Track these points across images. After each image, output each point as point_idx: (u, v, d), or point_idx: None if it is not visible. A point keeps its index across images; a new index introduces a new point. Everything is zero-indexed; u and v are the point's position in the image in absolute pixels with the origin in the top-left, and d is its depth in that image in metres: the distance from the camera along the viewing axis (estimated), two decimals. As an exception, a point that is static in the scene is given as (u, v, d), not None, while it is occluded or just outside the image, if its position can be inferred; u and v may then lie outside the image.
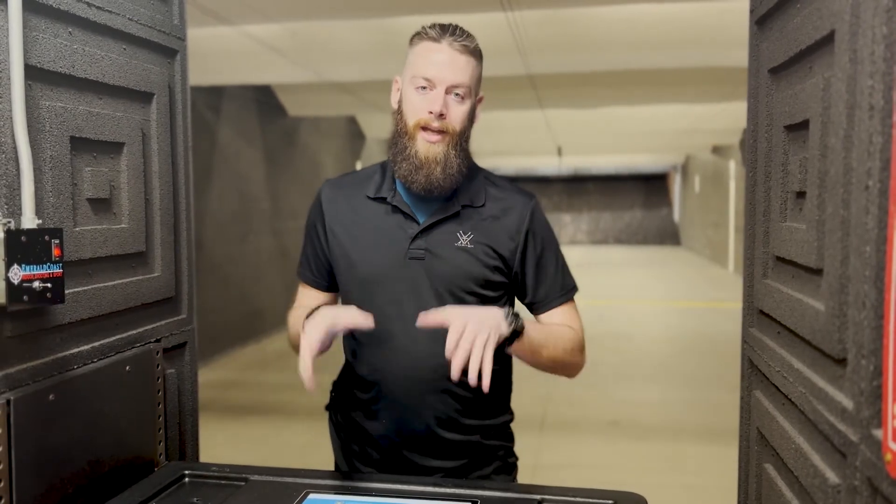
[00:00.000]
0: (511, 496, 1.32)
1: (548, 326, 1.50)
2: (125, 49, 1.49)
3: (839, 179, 0.96)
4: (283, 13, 4.72)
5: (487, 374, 1.24)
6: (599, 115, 9.62)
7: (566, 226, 23.59)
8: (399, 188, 1.51)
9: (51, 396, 1.24)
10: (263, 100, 7.99)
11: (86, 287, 1.38)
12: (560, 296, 1.55)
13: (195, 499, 1.34)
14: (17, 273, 1.14)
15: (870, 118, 0.87)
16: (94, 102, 1.41)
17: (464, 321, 1.26)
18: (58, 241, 1.22)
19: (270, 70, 6.24)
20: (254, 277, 7.81)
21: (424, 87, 1.42)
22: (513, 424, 1.61)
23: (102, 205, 1.44)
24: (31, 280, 1.16)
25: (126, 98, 1.50)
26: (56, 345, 1.31)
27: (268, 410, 5.38)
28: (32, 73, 1.24)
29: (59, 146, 1.31)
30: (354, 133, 11.36)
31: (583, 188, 23.83)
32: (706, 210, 17.05)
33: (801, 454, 1.08)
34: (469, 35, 1.45)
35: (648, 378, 6.20)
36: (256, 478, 1.40)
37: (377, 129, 11.33)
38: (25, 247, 1.16)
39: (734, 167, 13.61)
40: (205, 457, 1.78)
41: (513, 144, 13.48)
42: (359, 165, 11.30)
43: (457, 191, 1.50)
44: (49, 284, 1.19)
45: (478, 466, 1.52)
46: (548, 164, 19.77)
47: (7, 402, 1.15)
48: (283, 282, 8.34)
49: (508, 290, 1.54)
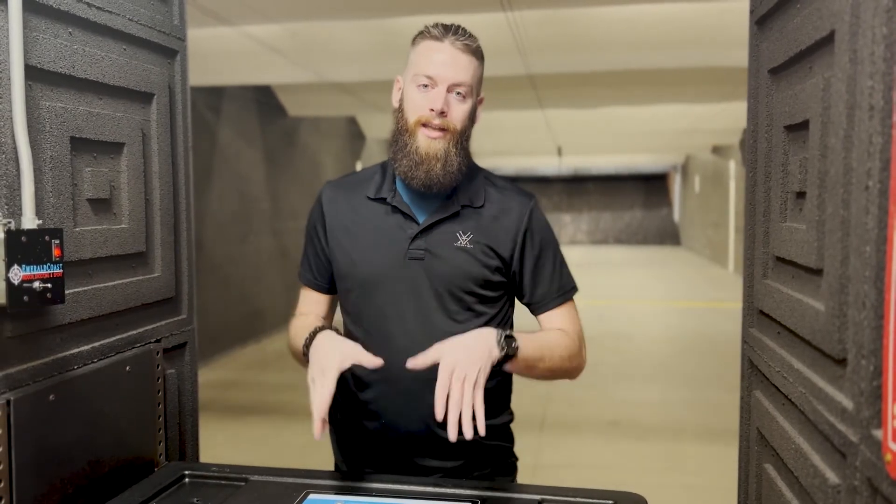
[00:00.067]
0: (511, 496, 1.32)
1: (544, 337, 1.48)
2: (125, 49, 1.49)
3: (839, 180, 0.96)
4: (284, 13, 4.72)
5: (481, 419, 1.25)
6: (599, 115, 9.62)
7: (566, 226, 23.59)
8: (399, 188, 1.51)
9: (51, 397, 1.24)
10: (263, 100, 7.99)
11: (86, 287, 1.39)
12: (558, 297, 1.54)
13: (195, 499, 1.34)
14: (18, 273, 1.14)
15: (870, 118, 0.87)
16: (95, 103, 1.41)
17: (451, 366, 1.27)
18: (58, 242, 1.22)
19: (270, 70, 6.24)
20: (254, 278, 7.81)
21: (426, 86, 1.42)
22: (513, 424, 1.61)
23: (102, 205, 1.44)
24: (32, 280, 1.16)
25: (126, 98, 1.50)
26: (56, 345, 1.31)
27: (268, 410, 5.38)
28: (32, 74, 1.24)
29: (60, 146, 1.31)
30: (354, 133, 11.36)
31: (583, 188, 23.83)
32: (706, 210, 17.05)
33: (801, 454, 1.08)
34: (471, 35, 1.46)
35: (648, 378, 6.20)
36: (256, 478, 1.40)
37: (377, 130, 11.33)
38: (26, 247, 1.16)
39: (734, 167, 13.61)
40: (205, 457, 1.78)
41: (513, 144, 13.48)
42: (359, 166, 11.30)
43: (456, 191, 1.50)
44: (49, 285, 1.20)
45: (477, 467, 1.52)
46: (548, 164, 19.77)
47: (7, 403, 1.15)
48: (283, 282, 8.34)
49: (508, 290, 1.54)
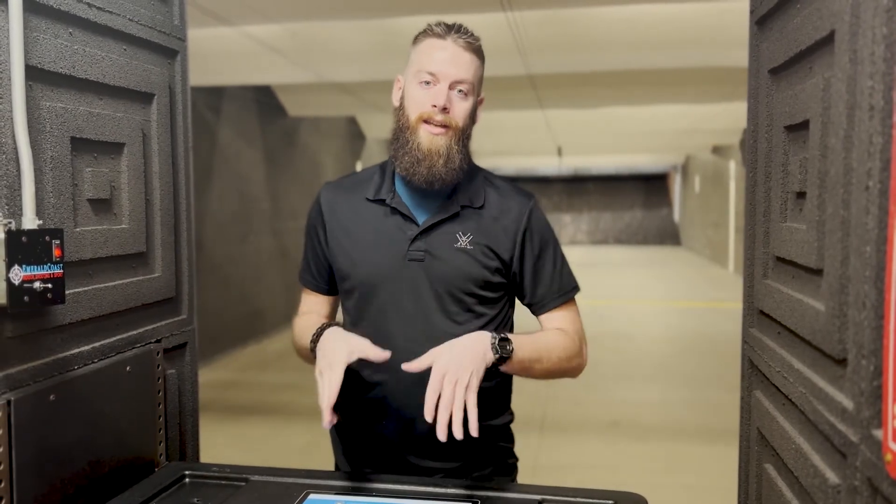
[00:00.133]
0: (511, 496, 1.32)
1: (541, 338, 1.49)
2: (125, 50, 1.49)
3: (839, 180, 0.96)
4: (284, 14, 4.72)
5: (473, 420, 1.26)
6: (599, 115, 9.63)
7: (566, 226, 23.59)
8: (398, 189, 1.51)
9: (51, 397, 1.24)
10: (263, 100, 7.99)
11: (86, 287, 1.39)
12: (558, 297, 1.54)
13: (195, 499, 1.34)
14: (18, 274, 1.14)
15: (870, 118, 0.87)
16: (95, 103, 1.41)
17: (443, 369, 1.28)
18: (58, 242, 1.22)
19: (271, 70, 6.24)
20: (254, 278, 7.81)
21: (428, 82, 1.42)
22: (513, 425, 1.61)
23: (103, 205, 1.44)
24: (32, 280, 1.16)
25: (126, 98, 1.50)
26: (57, 345, 1.31)
27: (268, 411, 5.38)
28: (33, 74, 1.24)
29: (60, 147, 1.31)
30: (354, 133, 11.36)
31: (583, 188, 23.83)
32: (706, 210, 17.05)
33: (802, 454, 1.08)
34: (473, 34, 1.46)
35: (648, 378, 6.20)
36: (257, 478, 1.40)
37: (377, 130, 11.33)
38: (26, 247, 1.16)
39: (734, 167, 13.61)
40: (205, 457, 1.78)
41: (513, 144, 13.48)
42: (359, 166, 11.30)
43: (456, 191, 1.50)
44: (50, 285, 1.20)
45: (477, 467, 1.52)
46: (548, 165, 19.77)
47: (8, 403, 1.15)
48: (284, 282, 8.34)
49: (508, 291, 1.54)
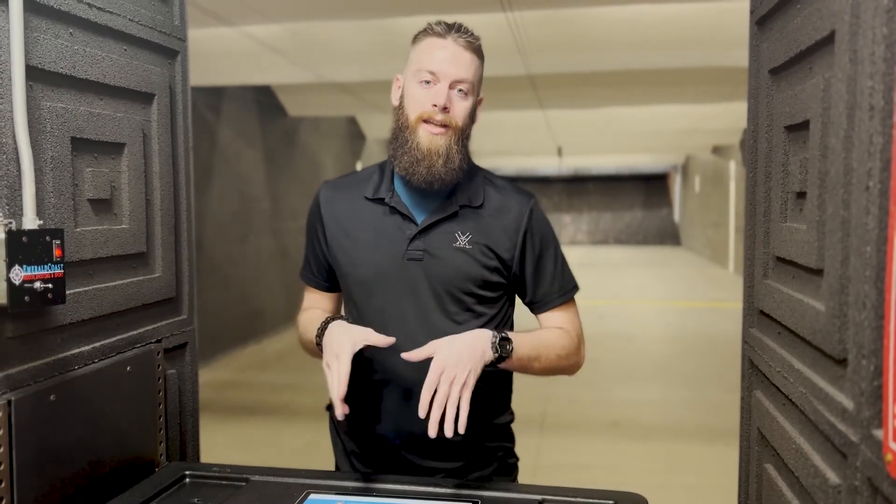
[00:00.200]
0: (511, 496, 1.32)
1: (540, 337, 1.49)
2: (126, 50, 1.49)
3: (839, 180, 0.96)
4: (284, 14, 4.72)
5: (463, 418, 1.27)
6: (599, 116, 9.62)
7: (566, 226, 23.59)
8: (398, 188, 1.51)
9: (52, 397, 1.24)
10: (264, 100, 7.99)
11: (87, 287, 1.39)
12: (559, 296, 1.54)
13: (196, 499, 1.34)
14: (19, 274, 1.14)
15: (870, 119, 0.87)
16: (95, 103, 1.41)
17: (441, 366, 1.29)
18: (59, 242, 1.22)
19: (271, 70, 6.24)
20: (254, 278, 7.81)
21: (428, 82, 1.42)
22: (513, 425, 1.61)
23: (103, 205, 1.44)
24: (33, 281, 1.16)
25: (127, 99, 1.50)
26: (57, 345, 1.31)
27: (268, 411, 5.38)
28: (33, 74, 1.24)
29: (60, 147, 1.31)
30: (354, 133, 11.36)
31: (583, 188, 23.83)
32: (706, 210, 17.05)
33: (802, 454, 1.08)
34: (473, 33, 1.46)
35: (648, 378, 6.20)
36: (257, 478, 1.40)
37: (377, 130, 11.32)
38: (27, 247, 1.16)
39: (734, 167, 13.60)
40: (205, 457, 1.78)
41: (513, 144, 13.47)
42: (359, 166, 11.30)
43: (455, 191, 1.50)
44: (50, 285, 1.20)
45: (478, 467, 1.52)
46: (548, 165, 19.76)
47: (8, 403, 1.15)
48: (284, 282, 8.33)
49: (508, 290, 1.54)
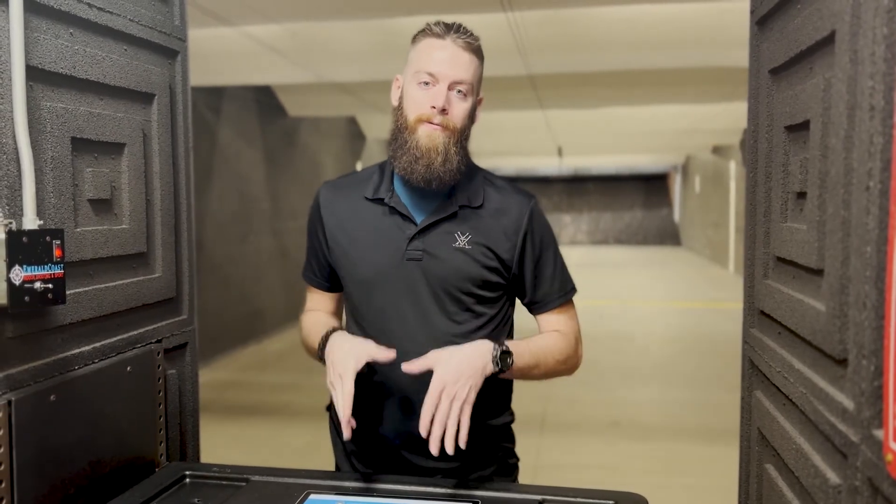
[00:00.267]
0: (512, 496, 1.32)
1: (539, 344, 1.50)
2: (126, 50, 1.49)
3: (840, 180, 0.96)
4: (284, 14, 4.72)
5: (464, 435, 1.28)
6: (600, 116, 9.62)
7: (566, 226, 23.58)
8: (397, 189, 1.51)
9: (52, 397, 1.24)
10: (264, 100, 7.99)
11: (87, 288, 1.39)
12: (558, 297, 1.55)
13: (196, 499, 1.34)
14: (19, 274, 1.14)
15: (870, 119, 0.87)
16: (95, 103, 1.41)
17: (442, 383, 1.30)
18: (59, 242, 1.22)
19: (271, 71, 6.24)
20: (254, 278, 7.81)
21: (427, 83, 1.42)
22: (513, 425, 1.61)
23: (103, 205, 1.44)
24: (33, 281, 1.16)
25: (127, 99, 1.50)
26: (57, 345, 1.31)
27: (268, 411, 5.38)
28: (33, 74, 1.24)
29: (61, 147, 1.31)
30: (354, 133, 11.36)
31: (583, 188, 23.83)
32: (706, 210, 17.05)
33: (802, 454, 1.08)
34: (472, 34, 1.45)
35: (648, 378, 6.20)
36: (257, 478, 1.40)
37: (377, 130, 11.32)
38: (27, 248, 1.16)
39: (734, 167, 13.60)
40: (205, 457, 1.78)
41: (513, 145, 13.47)
42: (359, 166, 11.30)
43: (454, 191, 1.50)
44: (50, 285, 1.20)
45: (478, 468, 1.52)
46: (548, 165, 19.76)
47: (8, 403, 1.15)
48: (284, 282, 8.33)
49: (508, 291, 1.54)
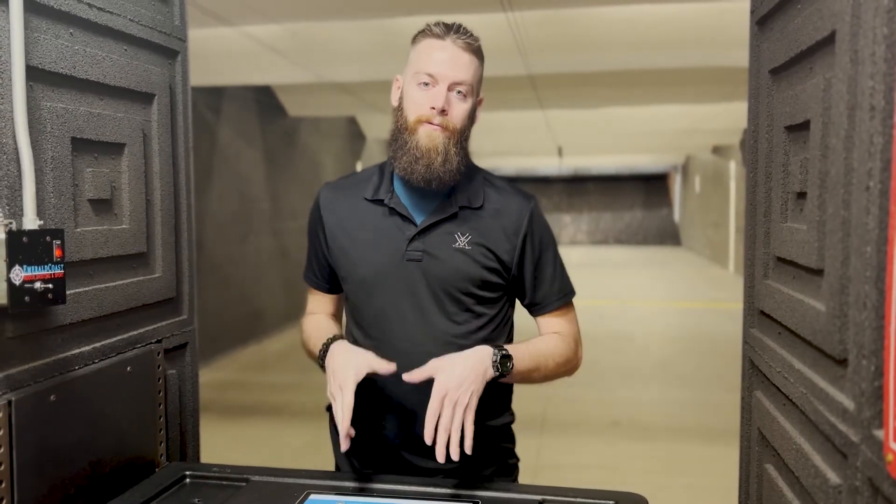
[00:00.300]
0: (512, 496, 1.32)
1: (539, 347, 1.49)
2: (126, 50, 1.49)
3: (840, 180, 0.96)
4: (284, 14, 4.72)
5: (469, 440, 1.29)
6: (600, 116, 9.62)
7: (566, 226, 23.58)
8: (397, 190, 1.51)
9: (52, 397, 1.24)
10: (264, 100, 7.99)
11: (87, 288, 1.39)
12: (558, 298, 1.55)
13: (196, 499, 1.34)
14: (19, 274, 1.14)
15: (871, 119, 0.87)
16: (96, 103, 1.41)
17: (444, 390, 1.30)
18: (59, 242, 1.22)
19: (271, 71, 6.24)
20: (254, 278, 7.81)
21: (427, 84, 1.42)
22: (514, 425, 1.61)
23: (103, 205, 1.44)
24: (33, 281, 1.16)
25: (127, 99, 1.50)
26: (57, 345, 1.31)
27: (268, 411, 5.38)
28: (33, 74, 1.24)
29: (61, 147, 1.31)
30: (354, 133, 11.36)
31: (583, 188, 23.83)
32: (706, 210, 17.05)
33: (802, 455, 1.08)
34: (472, 34, 1.45)
35: (648, 378, 6.20)
36: (257, 478, 1.40)
37: (377, 130, 11.32)
38: (27, 248, 1.16)
39: (734, 167, 13.60)
40: (205, 457, 1.78)
41: (513, 145, 13.47)
42: (359, 166, 11.30)
43: (454, 191, 1.50)
44: (50, 285, 1.20)
45: (478, 468, 1.52)
46: (548, 165, 19.76)
47: (8, 403, 1.15)
48: (284, 282, 8.33)
49: (507, 292, 1.54)
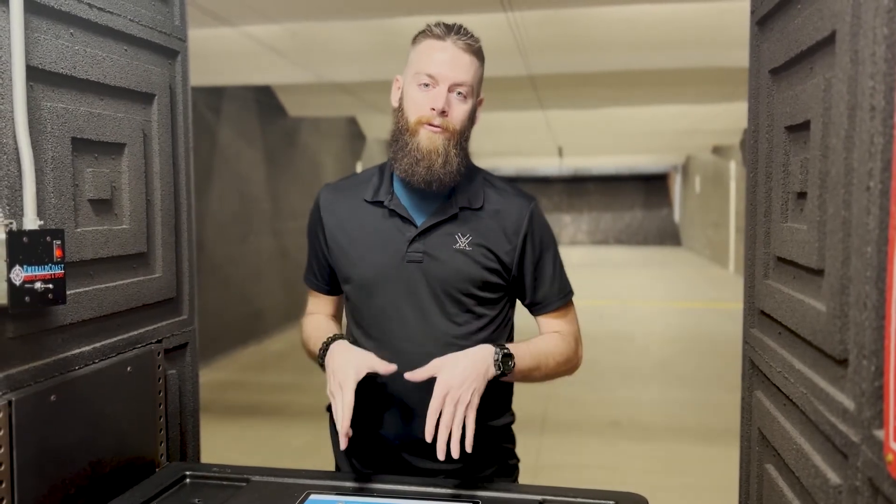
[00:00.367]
0: (512, 496, 1.32)
1: (540, 346, 1.50)
2: (126, 50, 1.50)
3: (840, 180, 0.96)
4: (284, 14, 4.72)
5: (469, 439, 1.29)
6: (600, 116, 9.62)
7: (566, 226, 23.58)
8: (397, 191, 1.51)
9: (52, 397, 1.24)
10: (264, 100, 7.99)
11: (87, 288, 1.39)
12: (558, 298, 1.55)
13: (196, 499, 1.34)
14: (19, 274, 1.14)
15: (871, 119, 0.87)
16: (96, 103, 1.41)
17: (446, 388, 1.30)
18: (59, 242, 1.22)
19: (271, 71, 6.24)
20: (254, 278, 7.81)
21: (427, 85, 1.42)
22: (514, 425, 1.61)
23: (104, 206, 1.44)
24: (33, 281, 1.16)
25: (127, 99, 1.50)
26: (57, 345, 1.31)
27: (269, 411, 5.38)
28: (34, 75, 1.24)
29: (61, 147, 1.31)
30: (355, 134, 11.36)
31: (583, 188, 23.83)
32: (706, 210, 17.05)
33: (803, 455, 1.08)
34: (473, 35, 1.45)
35: (648, 378, 6.20)
36: (258, 478, 1.40)
37: (377, 130, 11.32)
38: (27, 248, 1.16)
39: (735, 167, 13.60)
40: (206, 457, 1.78)
41: (513, 145, 13.47)
42: (359, 166, 11.30)
43: (455, 192, 1.50)
44: (51, 285, 1.20)
45: (478, 468, 1.52)
46: (548, 165, 19.76)
47: (9, 403, 1.15)
48: (284, 282, 8.33)
49: (508, 292, 1.54)
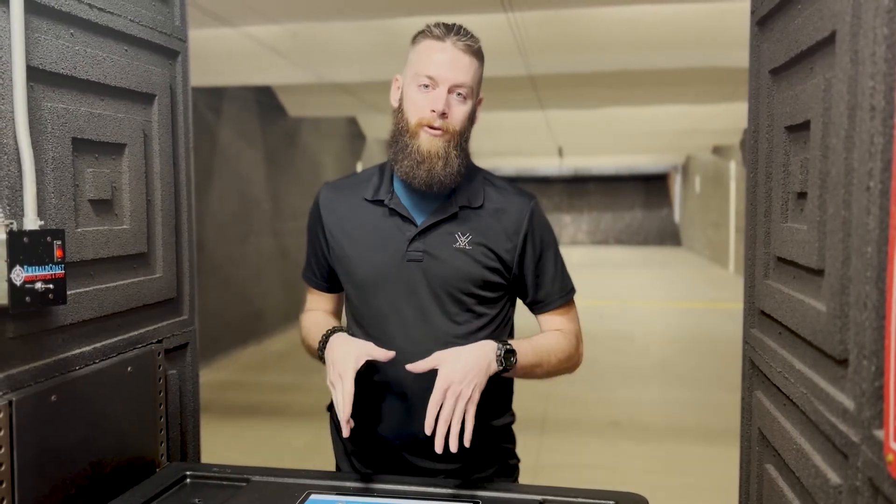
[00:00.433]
0: (512, 496, 1.32)
1: (541, 343, 1.50)
2: (127, 50, 1.50)
3: (840, 180, 0.96)
4: (284, 14, 4.72)
5: (468, 433, 1.29)
6: (600, 116, 9.62)
7: (567, 226, 23.58)
8: (397, 190, 1.51)
9: (53, 397, 1.24)
10: (264, 101, 7.99)
11: (88, 288, 1.39)
12: (560, 297, 1.55)
13: (196, 499, 1.34)
14: (20, 274, 1.14)
15: (871, 119, 0.87)
16: (96, 104, 1.41)
17: (447, 382, 1.30)
18: (59, 243, 1.22)
19: (271, 71, 6.24)
20: (254, 278, 7.81)
21: (427, 86, 1.41)
22: (514, 425, 1.61)
23: (104, 206, 1.44)
24: (34, 281, 1.17)
25: (128, 99, 1.50)
26: (58, 346, 1.31)
27: (269, 411, 5.38)
28: (34, 75, 1.24)
29: (61, 147, 1.31)
30: (355, 134, 11.36)
31: (583, 189, 23.83)
32: (707, 210, 17.05)
33: (803, 455, 1.09)
34: (473, 36, 1.45)
35: (649, 378, 6.20)
36: (258, 478, 1.40)
37: (378, 130, 11.33)
38: (27, 248, 1.16)
39: (735, 167, 13.60)
40: (206, 457, 1.78)
41: (513, 145, 13.48)
42: (359, 166, 11.31)
43: (455, 191, 1.50)
44: (51, 285, 1.20)
45: (478, 468, 1.52)
46: (548, 165, 19.77)
47: (9, 403, 1.15)
48: (284, 282, 8.33)
49: (508, 291, 1.54)
